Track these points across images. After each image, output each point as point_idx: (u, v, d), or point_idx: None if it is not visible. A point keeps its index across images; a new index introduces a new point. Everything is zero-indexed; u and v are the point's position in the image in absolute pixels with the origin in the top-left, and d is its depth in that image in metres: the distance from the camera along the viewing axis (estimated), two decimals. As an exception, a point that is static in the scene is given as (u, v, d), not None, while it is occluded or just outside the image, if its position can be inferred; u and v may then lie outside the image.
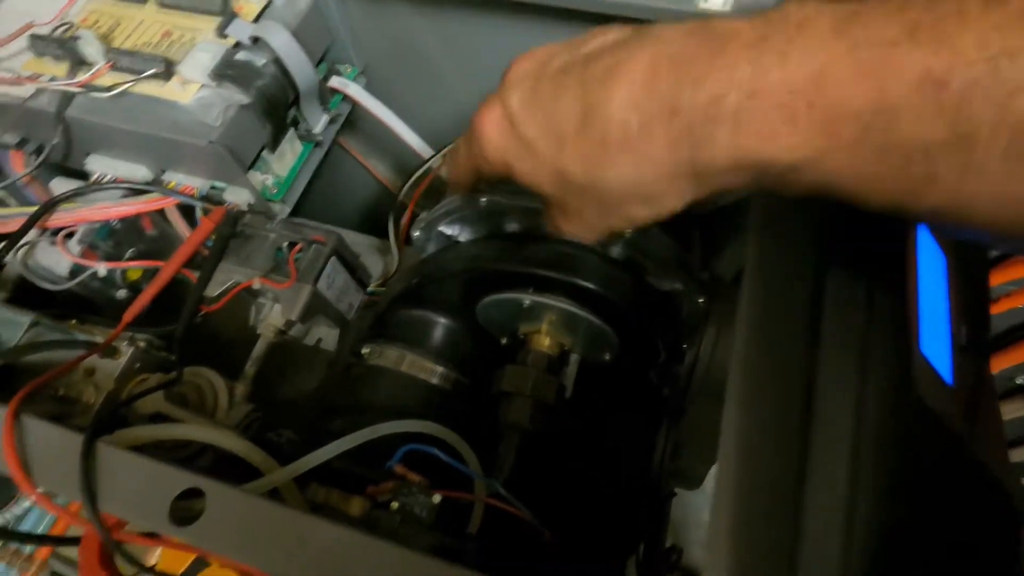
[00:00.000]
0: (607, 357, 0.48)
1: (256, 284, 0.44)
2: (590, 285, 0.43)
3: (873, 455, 0.20)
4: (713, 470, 0.68)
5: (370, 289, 0.54)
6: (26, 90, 0.48)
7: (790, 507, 0.22)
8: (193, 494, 0.28)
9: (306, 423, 0.46)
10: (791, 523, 0.21)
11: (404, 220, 0.58)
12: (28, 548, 1.30)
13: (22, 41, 0.49)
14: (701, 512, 1.19)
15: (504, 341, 0.52)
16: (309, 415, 0.47)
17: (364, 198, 0.81)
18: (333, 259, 0.46)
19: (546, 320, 0.46)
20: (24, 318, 0.40)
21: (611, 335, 0.46)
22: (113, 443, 0.30)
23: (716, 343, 0.47)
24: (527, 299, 0.44)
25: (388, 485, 0.36)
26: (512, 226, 0.44)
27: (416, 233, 0.50)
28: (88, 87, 0.47)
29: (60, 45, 0.47)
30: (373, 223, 0.73)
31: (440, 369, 0.50)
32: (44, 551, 1.25)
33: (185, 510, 0.28)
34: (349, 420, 0.47)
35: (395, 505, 0.35)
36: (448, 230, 0.48)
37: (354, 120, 0.66)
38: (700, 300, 0.45)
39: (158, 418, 0.39)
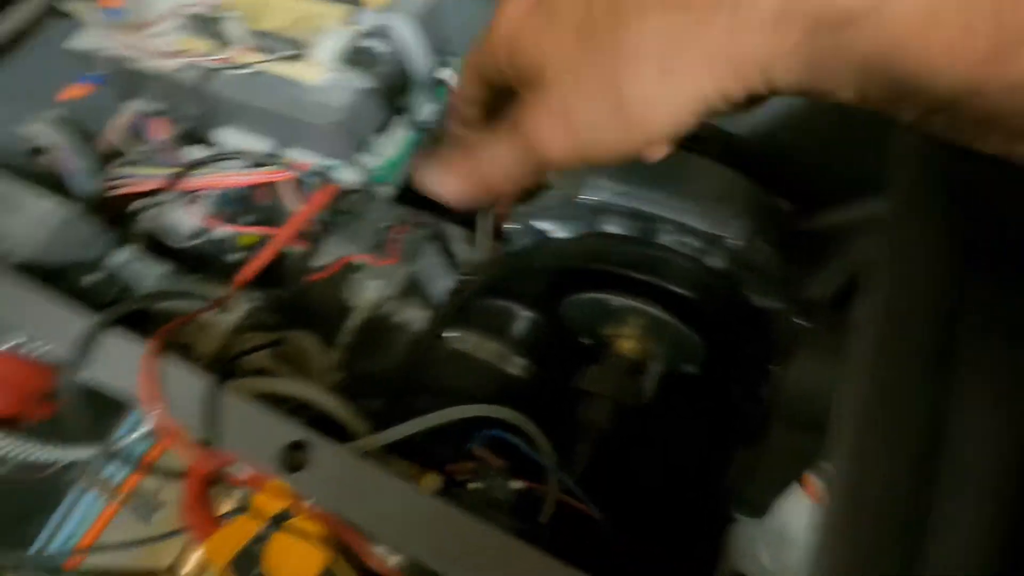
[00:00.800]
0: (691, 368, 0.48)
1: (359, 260, 0.46)
2: (683, 292, 0.42)
3: (1013, 511, 0.19)
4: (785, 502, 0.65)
5: (459, 276, 0.55)
6: (174, 64, 0.53)
7: (908, 565, 0.20)
8: (300, 446, 0.30)
9: (389, 397, 0.48)
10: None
11: (497, 212, 0.60)
12: (117, 479, 1.42)
13: (176, 19, 0.54)
14: (755, 543, 1.13)
15: (586, 340, 0.52)
16: (393, 390, 0.49)
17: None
18: (432, 243, 0.48)
19: (632, 324, 0.46)
20: (158, 269, 0.44)
21: (699, 346, 0.45)
22: (230, 389, 0.33)
23: (808, 368, 0.45)
24: (615, 301, 0.45)
25: (468, 465, 0.37)
26: (610, 227, 0.44)
27: (509, 226, 0.51)
28: (228, 64, 0.51)
29: (208, 24, 0.52)
30: (460, 213, 0.76)
31: (518, 360, 0.51)
32: (131, 483, 1.37)
33: (292, 459, 0.30)
34: (430, 399, 0.49)
35: (474, 486, 0.36)
36: (542, 225, 0.48)
37: (455, 112, 0.68)
38: (797, 321, 0.43)
39: (262, 373, 0.42)
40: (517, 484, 0.36)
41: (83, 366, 0.34)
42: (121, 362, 0.34)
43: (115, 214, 0.54)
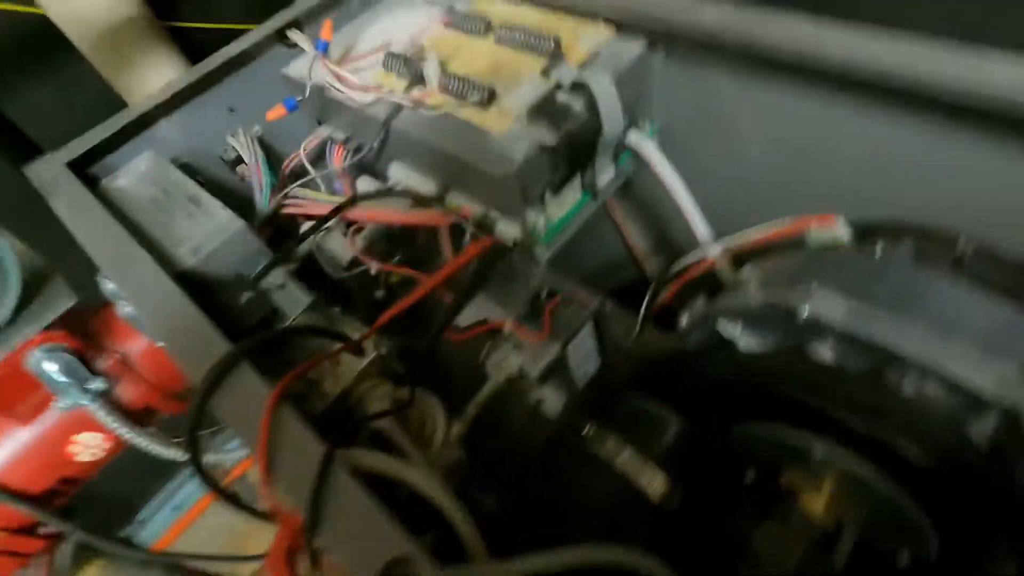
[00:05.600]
0: (902, 556, 0.35)
1: (506, 329, 0.41)
2: (921, 461, 0.31)
3: None
4: None
5: (610, 363, 0.48)
6: (367, 97, 0.53)
7: None
8: (402, 563, 0.24)
9: (509, 485, 0.42)
10: None
11: (662, 299, 0.52)
12: (229, 465, 1.50)
13: (378, 56, 0.55)
14: None
15: (751, 477, 0.42)
16: (515, 479, 0.42)
17: (603, 261, 0.78)
18: (589, 324, 0.42)
19: (832, 481, 0.35)
20: (306, 298, 0.43)
21: (925, 531, 0.33)
22: (344, 460, 0.28)
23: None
24: (820, 449, 0.34)
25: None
26: (823, 351, 0.35)
27: (685, 318, 0.43)
28: (417, 104, 0.50)
29: (406, 63, 0.52)
30: (601, 287, 0.69)
31: (659, 479, 0.42)
32: (237, 472, 1.45)
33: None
34: (554, 506, 0.41)
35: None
36: (728, 329, 0.40)
37: (629, 181, 0.62)
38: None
39: (379, 438, 0.38)
40: None
41: (213, 393, 0.31)
42: (247, 400, 0.31)
43: (282, 233, 0.55)
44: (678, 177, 0.54)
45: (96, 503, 0.49)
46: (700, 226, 0.55)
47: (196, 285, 0.42)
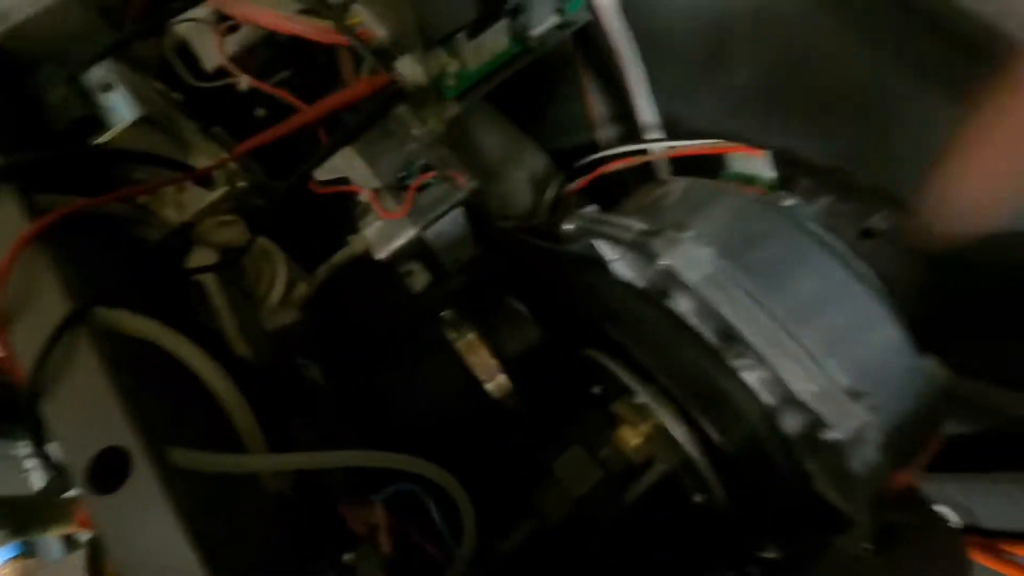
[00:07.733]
0: (696, 499, 0.37)
1: (363, 197, 0.36)
2: (726, 446, 0.30)
3: None
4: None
5: (480, 254, 0.44)
6: None
7: None
8: (119, 456, 0.23)
9: (348, 359, 0.41)
10: None
11: (570, 189, 0.46)
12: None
13: None
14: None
15: (597, 391, 0.41)
16: (356, 353, 0.41)
17: (557, 117, 0.68)
18: (459, 210, 0.37)
19: (650, 426, 0.35)
20: (132, 112, 0.35)
21: (720, 496, 0.34)
22: (100, 323, 0.25)
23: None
24: (642, 398, 0.33)
25: (361, 519, 0.29)
26: (681, 305, 0.31)
27: (568, 226, 0.38)
28: None
29: None
30: (548, 146, 0.63)
31: (503, 380, 0.41)
32: None
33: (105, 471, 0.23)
34: (390, 388, 0.40)
35: (348, 557, 0.28)
36: (607, 250, 0.35)
37: (591, 31, 0.51)
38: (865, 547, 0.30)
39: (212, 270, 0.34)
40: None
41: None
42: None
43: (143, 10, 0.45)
44: (633, 47, 0.44)
45: None
46: (645, 109, 0.47)
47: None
